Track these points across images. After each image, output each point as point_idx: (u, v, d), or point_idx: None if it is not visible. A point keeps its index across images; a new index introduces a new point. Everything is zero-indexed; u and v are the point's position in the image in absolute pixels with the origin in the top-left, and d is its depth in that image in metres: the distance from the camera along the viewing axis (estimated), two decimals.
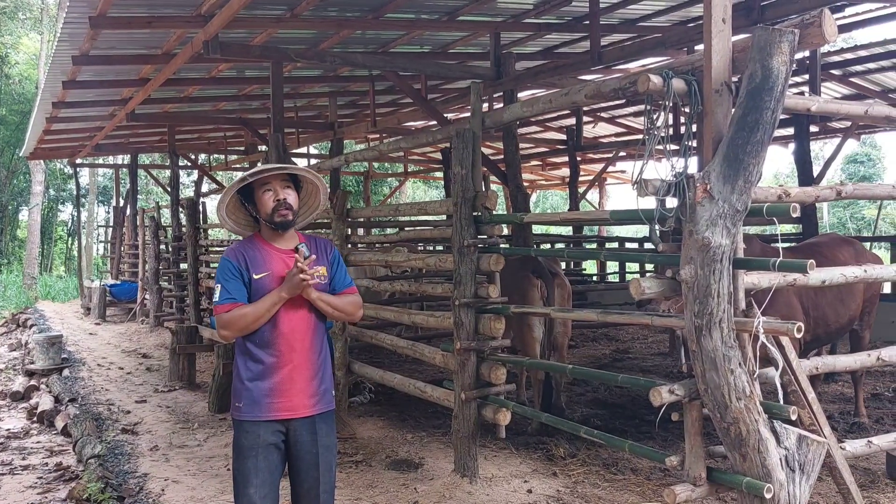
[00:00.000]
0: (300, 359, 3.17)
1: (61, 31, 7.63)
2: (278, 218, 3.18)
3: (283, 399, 3.13)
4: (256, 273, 3.14)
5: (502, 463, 5.49)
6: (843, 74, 11.95)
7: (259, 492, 3.09)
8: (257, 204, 3.22)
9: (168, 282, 13.97)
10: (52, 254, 33.99)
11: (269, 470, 3.13)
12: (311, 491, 3.19)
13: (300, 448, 3.18)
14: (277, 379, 3.13)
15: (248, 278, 3.13)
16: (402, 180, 25.12)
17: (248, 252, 3.19)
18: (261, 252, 3.21)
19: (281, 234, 3.24)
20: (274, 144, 8.43)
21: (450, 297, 5.29)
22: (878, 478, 4.94)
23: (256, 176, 3.21)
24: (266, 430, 3.10)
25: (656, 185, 3.40)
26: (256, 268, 3.15)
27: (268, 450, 3.12)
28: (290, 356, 3.15)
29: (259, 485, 3.09)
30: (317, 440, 3.18)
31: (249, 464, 3.10)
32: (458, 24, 8.88)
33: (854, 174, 32.02)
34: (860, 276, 3.96)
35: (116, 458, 5.93)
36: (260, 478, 3.10)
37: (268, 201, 3.18)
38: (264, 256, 3.19)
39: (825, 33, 3.15)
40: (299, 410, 3.15)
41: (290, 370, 3.14)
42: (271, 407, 3.11)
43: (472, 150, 5.15)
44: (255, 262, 3.16)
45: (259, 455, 3.10)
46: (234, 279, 3.13)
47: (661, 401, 3.43)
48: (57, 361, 10.08)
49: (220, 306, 3.11)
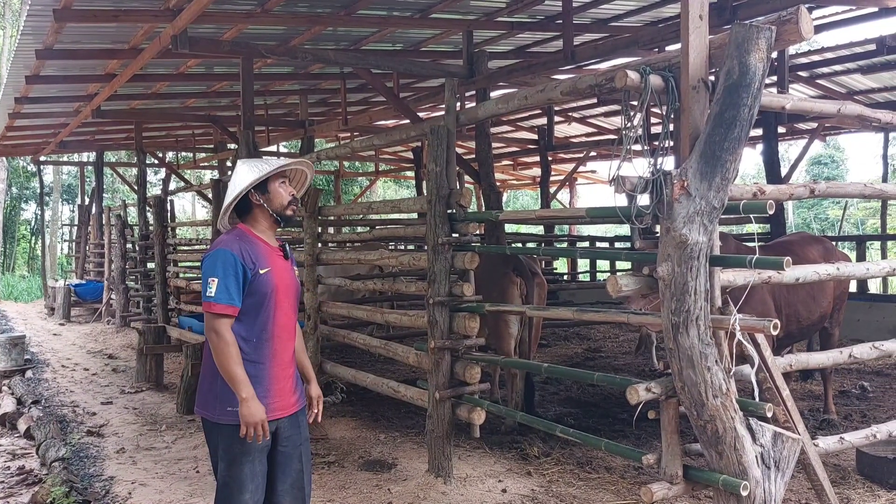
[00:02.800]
0: (287, 357, 3.18)
1: (25, 24, 7.44)
2: (289, 212, 3.18)
3: (278, 399, 3.10)
4: (262, 268, 3.06)
5: (476, 462, 5.45)
6: (810, 76, 12.14)
7: (254, 497, 3.03)
8: (270, 194, 3.16)
9: (135, 281, 13.73)
10: (14, 253, 33.30)
11: (264, 474, 3.09)
12: (296, 484, 3.17)
13: (288, 444, 3.16)
14: (271, 379, 3.10)
15: (249, 274, 3.02)
16: (374, 179, 25.00)
17: (248, 246, 3.08)
18: (259, 247, 3.13)
19: (274, 229, 3.22)
20: (244, 142, 8.32)
21: (423, 296, 5.24)
22: (849, 474, 4.99)
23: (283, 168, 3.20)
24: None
25: (633, 182, 3.38)
26: (261, 263, 3.07)
27: (263, 453, 3.08)
28: (281, 356, 3.13)
29: (254, 490, 3.03)
30: (300, 433, 3.20)
31: (247, 469, 3.00)
32: (430, 22, 8.84)
33: (818, 175, 32.54)
34: (833, 273, 3.99)
35: (82, 462, 5.79)
36: (255, 483, 3.03)
37: (284, 194, 3.18)
38: (264, 252, 3.13)
39: (802, 30, 3.16)
40: (288, 408, 3.15)
41: (280, 370, 3.13)
42: (269, 408, 3.04)
43: (447, 147, 5.11)
44: (258, 257, 3.07)
45: (256, 459, 3.04)
46: (234, 277, 2.98)
47: (637, 399, 3.41)
48: (19, 363, 9.85)
49: (218, 305, 2.95)
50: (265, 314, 3.05)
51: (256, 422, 2.91)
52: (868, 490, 4.72)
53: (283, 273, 3.16)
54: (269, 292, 3.04)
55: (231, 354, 2.94)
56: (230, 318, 2.97)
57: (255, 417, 2.91)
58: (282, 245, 3.24)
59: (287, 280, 3.17)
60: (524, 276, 6.41)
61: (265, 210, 3.15)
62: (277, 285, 3.09)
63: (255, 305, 3.03)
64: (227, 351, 2.94)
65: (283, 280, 3.14)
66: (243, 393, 2.92)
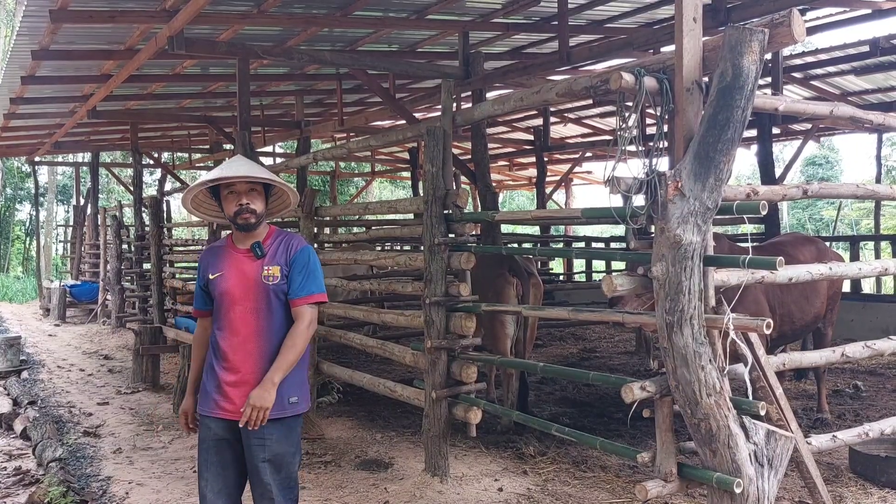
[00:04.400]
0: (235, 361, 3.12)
1: (20, 25, 7.44)
2: (240, 221, 3.16)
3: (222, 398, 3.12)
4: (212, 273, 3.21)
5: (472, 462, 5.48)
6: (804, 77, 12.19)
7: (210, 485, 3.13)
8: (223, 204, 3.20)
9: (130, 282, 13.73)
10: (8, 254, 33.20)
11: (219, 464, 3.15)
12: (265, 495, 3.09)
13: (248, 453, 3.11)
14: (218, 377, 3.14)
15: (204, 280, 3.23)
16: (369, 180, 25.01)
17: (212, 254, 3.29)
18: (222, 252, 3.26)
19: (244, 234, 3.22)
20: (240, 142, 8.33)
21: (419, 296, 5.27)
22: (842, 472, 5.03)
23: (214, 182, 3.17)
24: (214, 426, 3.15)
25: (628, 183, 3.41)
26: (213, 268, 3.22)
27: (215, 445, 3.15)
28: (230, 357, 3.13)
29: (210, 478, 3.15)
30: (254, 454, 3.08)
31: (201, 457, 3.21)
32: (426, 23, 8.87)
33: (813, 176, 32.64)
34: (826, 273, 4.02)
35: (78, 462, 5.80)
36: (211, 472, 3.15)
37: (230, 204, 3.16)
38: (223, 256, 3.23)
39: (794, 33, 3.20)
40: (230, 414, 3.10)
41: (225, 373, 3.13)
42: (215, 405, 3.14)
43: (443, 147, 5.14)
44: (214, 263, 3.23)
45: (209, 448, 3.16)
46: (199, 283, 3.30)
47: (633, 397, 3.44)
48: (15, 363, 9.84)
49: (194, 309, 3.38)
50: (218, 314, 3.21)
51: (181, 412, 3.32)
52: (860, 488, 4.76)
53: (242, 273, 3.15)
54: (218, 295, 3.18)
55: (192, 350, 3.40)
56: (198, 318, 3.39)
57: (181, 408, 3.33)
58: (254, 245, 3.17)
59: (245, 280, 3.14)
60: (520, 277, 6.44)
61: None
62: (227, 288, 3.14)
63: (216, 307, 3.23)
64: (194, 347, 3.39)
65: (236, 281, 3.14)
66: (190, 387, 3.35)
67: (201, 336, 3.35)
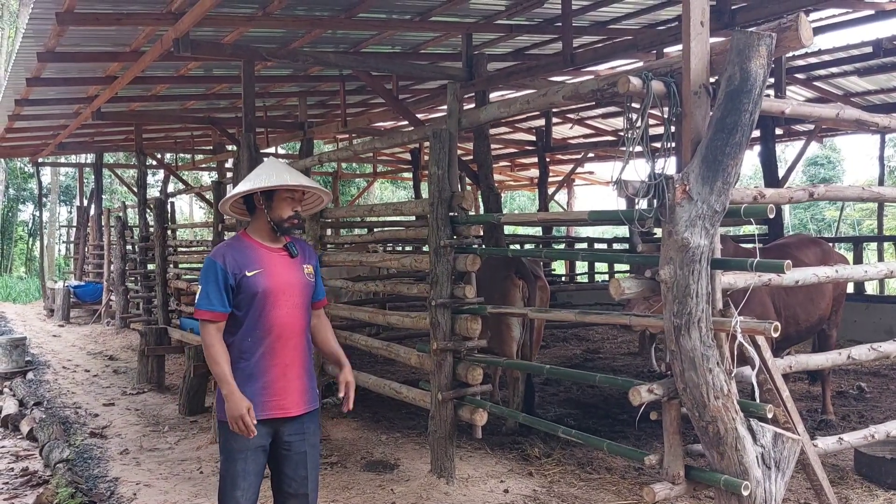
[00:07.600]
0: (289, 357, 3.17)
1: (27, 27, 7.46)
2: (288, 225, 3.23)
3: (275, 398, 3.12)
4: (250, 271, 3.13)
5: (478, 463, 5.49)
6: (807, 78, 12.19)
7: (245, 494, 3.09)
8: (273, 204, 3.22)
9: (135, 282, 13.75)
10: (11, 254, 33.25)
11: (257, 473, 3.14)
12: (300, 490, 3.19)
13: (290, 448, 3.17)
14: (267, 377, 3.12)
15: (235, 278, 3.11)
16: (371, 181, 25.02)
17: (236, 252, 3.18)
18: (251, 250, 3.21)
19: (273, 234, 3.26)
20: (245, 144, 8.35)
21: (425, 298, 5.28)
22: (847, 474, 5.04)
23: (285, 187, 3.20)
24: (257, 431, 3.05)
25: (636, 186, 3.42)
26: (248, 266, 3.14)
27: (257, 452, 3.12)
28: (280, 355, 3.14)
29: (246, 488, 3.10)
30: (305, 439, 3.20)
31: (239, 466, 3.09)
32: (430, 25, 8.87)
33: (815, 176, 32.61)
34: (832, 275, 4.04)
35: (85, 463, 5.82)
36: (248, 481, 3.11)
37: (286, 209, 3.22)
38: (256, 254, 3.19)
39: (801, 37, 3.21)
40: (289, 410, 3.15)
41: (279, 369, 3.14)
42: (263, 406, 3.09)
43: (449, 150, 5.15)
44: (246, 261, 3.15)
45: (249, 458, 3.10)
46: (215, 283, 3.10)
47: (640, 400, 3.45)
48: (20, 364, 9.86)
49: (200, 311, 3.11)
50: (256, 313, 3.12)
51: (236, 416, 2.97)
52: (866, 490, 4.77)
53: (283, 271, 3.20)
54: (259, 292, 3.11)
55: (212, 355, 3.06)
56: (213, 322, 3.10)
57: (235, 412, 2.98)
58: (287, 244, 3.26)
59: (288, 278, 3.20)
60: (526, 279, 6.44)
61: (264, 215, 3.23)
62: (270, 285, 3.13)
63: (248, 306, 3.12)
64: (209, 352, 3.08)
65: (280, 279, 3.17)
66: (224, 389, 3.03)
67: (220, 338, 3.11)
